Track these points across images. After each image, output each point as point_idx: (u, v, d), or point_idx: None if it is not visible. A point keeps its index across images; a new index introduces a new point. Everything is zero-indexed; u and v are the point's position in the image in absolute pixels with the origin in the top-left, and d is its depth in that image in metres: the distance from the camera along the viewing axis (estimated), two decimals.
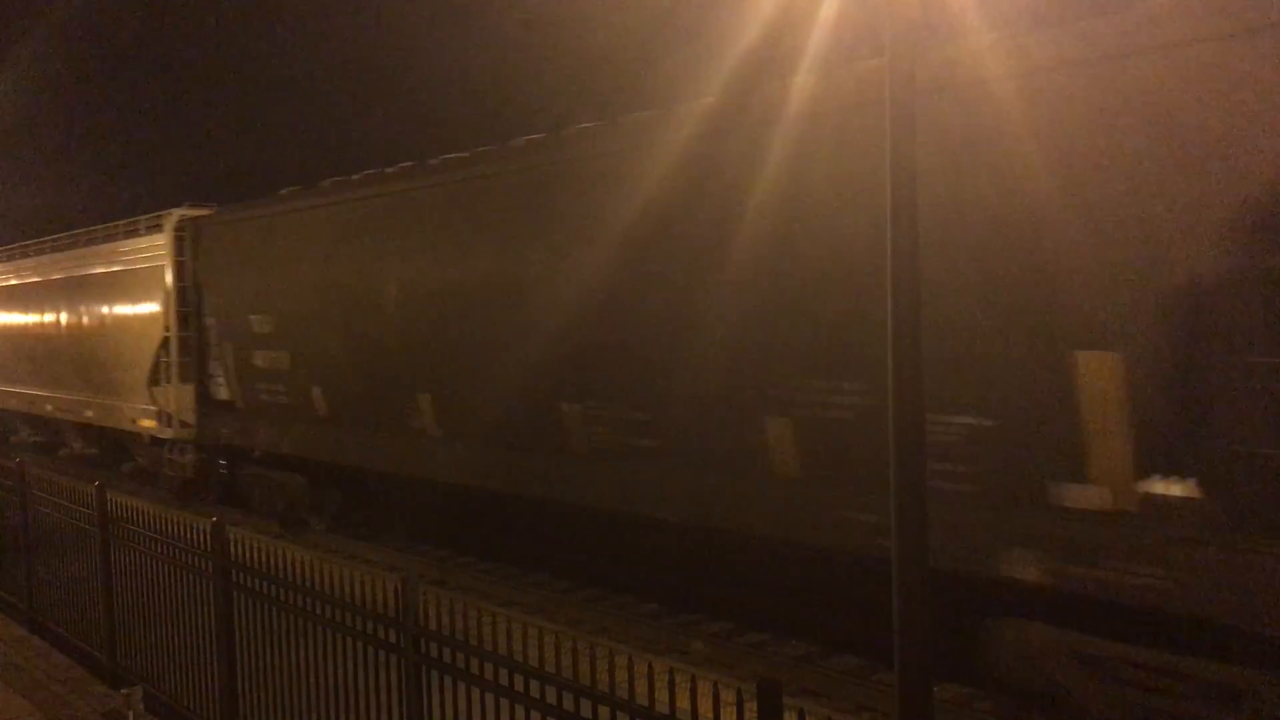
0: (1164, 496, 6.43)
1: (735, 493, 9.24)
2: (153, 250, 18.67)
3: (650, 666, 4.54)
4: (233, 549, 7.33)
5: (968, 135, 7.36)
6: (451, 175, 12.61)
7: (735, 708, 4.09)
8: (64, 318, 22.37)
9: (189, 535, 7.88)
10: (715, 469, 9.36)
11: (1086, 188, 6.74)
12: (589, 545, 12.47)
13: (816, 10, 6.53)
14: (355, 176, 14.59)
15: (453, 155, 12.86)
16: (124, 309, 19.84)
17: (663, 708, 4.28)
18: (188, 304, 17.91)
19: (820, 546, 8.65)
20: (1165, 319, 6.34)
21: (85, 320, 21.37)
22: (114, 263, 20.22)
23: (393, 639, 5.84)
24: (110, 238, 20.57)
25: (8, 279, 25.96)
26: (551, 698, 4.85)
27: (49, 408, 23.56)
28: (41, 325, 23.58)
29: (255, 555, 7.11)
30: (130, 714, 8.04)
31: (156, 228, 18.70)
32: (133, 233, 19.68)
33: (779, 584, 10.25)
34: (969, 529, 7.32)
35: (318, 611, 6.48)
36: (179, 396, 17.92)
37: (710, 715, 4.08)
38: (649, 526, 10.63)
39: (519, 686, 5.03)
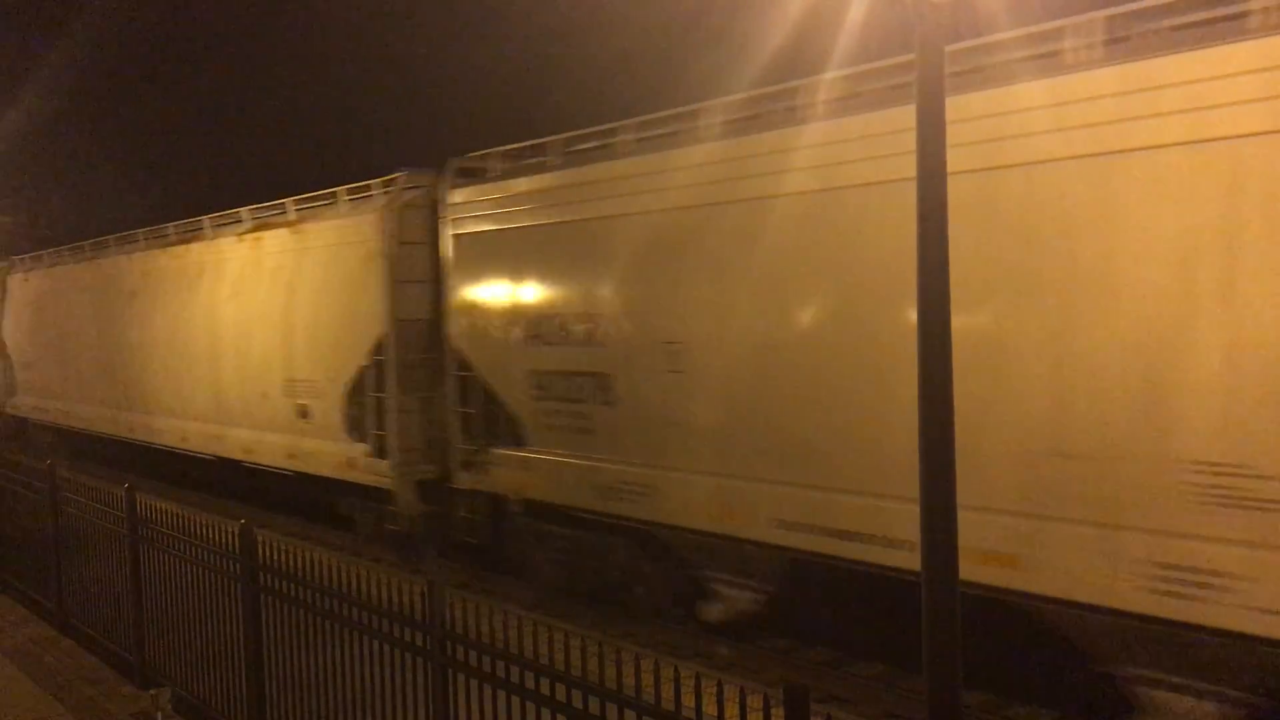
0: None
1: None
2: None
3: (676, 670, 4.52)
4: (260, 551, 7.36)
5: None
6: None
7: (762, 713, 4.06)
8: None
9: (218, 537, 7.91)
10: None
11: None
12: None
13: (845, 11, 6.49)
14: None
15: None
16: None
17: (689, 713, 4.25)
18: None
19: None
20: None
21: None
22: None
23: (419, 642, 5.84)
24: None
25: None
26: (578, 701, 4.83)
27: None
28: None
29: (283, 558, 7.14)
30: (159, 714, 8.09)
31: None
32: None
33: None
34: None
35: (345, 614, 6.49)
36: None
37: None
38: None
39: (545, 690, 5.02)
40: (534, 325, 11.84)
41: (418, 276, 13.46)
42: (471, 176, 12.93)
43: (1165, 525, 6.86)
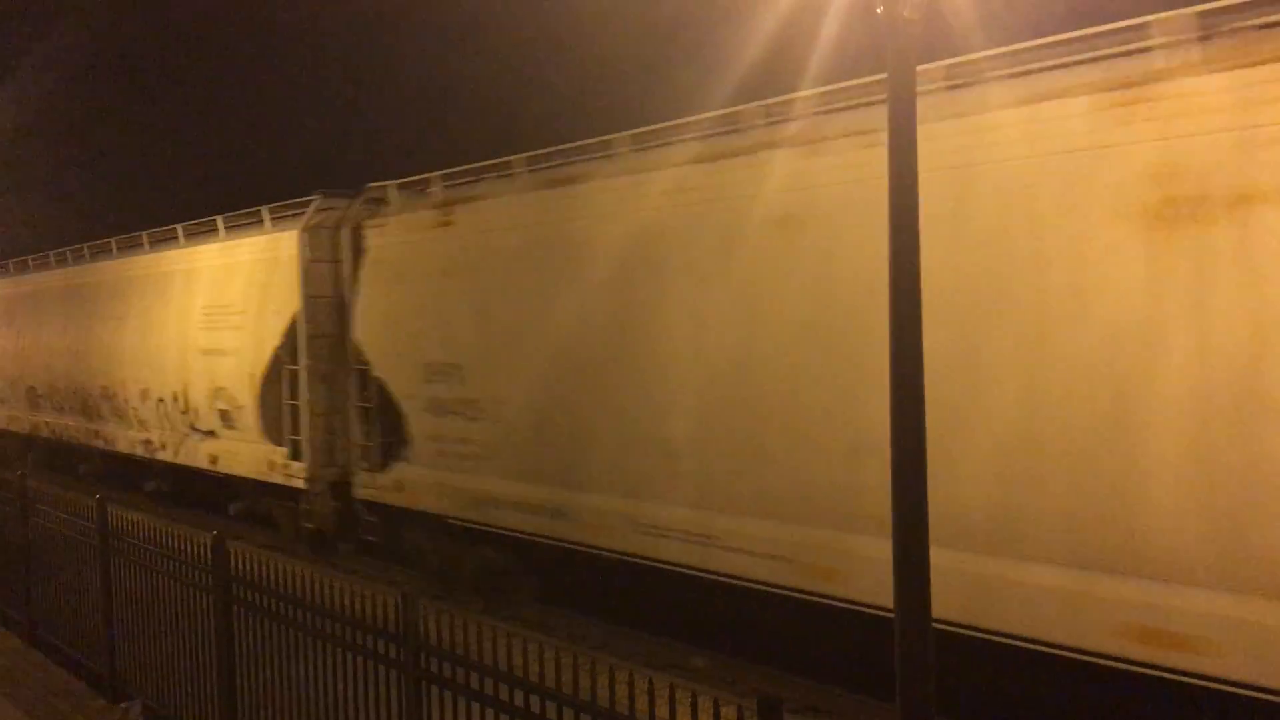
0: None
1: None
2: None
3: (651, 682, 4.52)
4: (233, 563, 7.32)
5: None
6: None
7: None
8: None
9: (190, 549, 7.86)
10: None
11: None
12: None
13: (819, 26, 6.55)
14: None
15: None
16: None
17: None
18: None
19: None
20: None
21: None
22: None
23: (393, 654, 5.82)
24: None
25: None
26: (552, 713, 4.83)
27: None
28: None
29: (256, 569, 7.10)
30: None
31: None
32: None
33: None
34: None
35: (318, 626, 6.46)
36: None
37: None
38: None
39: (520, 702, 5.01)
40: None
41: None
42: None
43: None
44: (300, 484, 14.69)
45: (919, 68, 4.32)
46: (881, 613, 7.49)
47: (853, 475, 8.25)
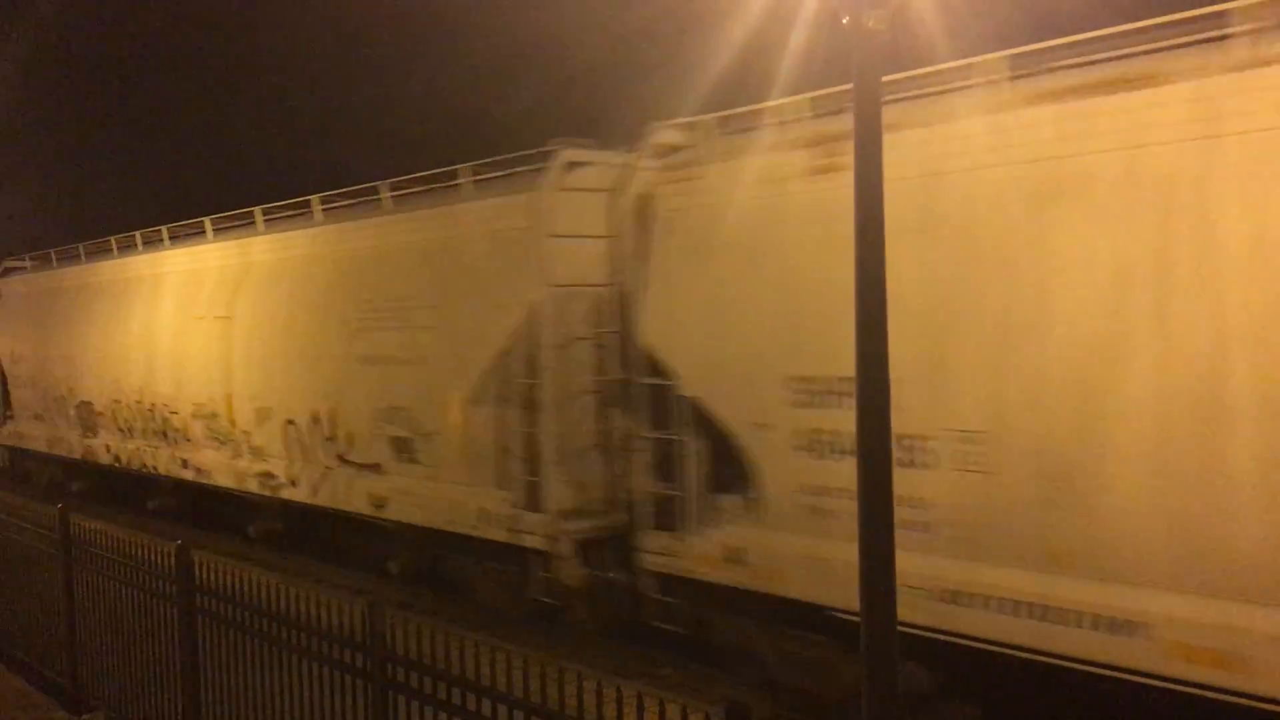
0: None
1: None
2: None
3: (619, 690, 4.52)
4: (197, 573, 7.25)
5: None
6: None
7: None
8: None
9: (153, 558, 7.78)
10: None
11: None
12: None
13: (788, 36, 6.60)
14: None
15: None
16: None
17: None
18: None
19: None
20: None
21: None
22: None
23: (359, 663, 5.78)
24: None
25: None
26: None
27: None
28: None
29: (220, 579, 7.04)
30: None
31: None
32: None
33: None
34: None
35: (283, 636, 6.41)
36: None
37: None
38: None
39: (487, 711, 4.99)
40: None
41: None
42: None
43: None
44: (538, 543, 10.63)
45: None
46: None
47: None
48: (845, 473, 7.45)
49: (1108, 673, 6.74)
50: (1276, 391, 6.11)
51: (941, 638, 7.46)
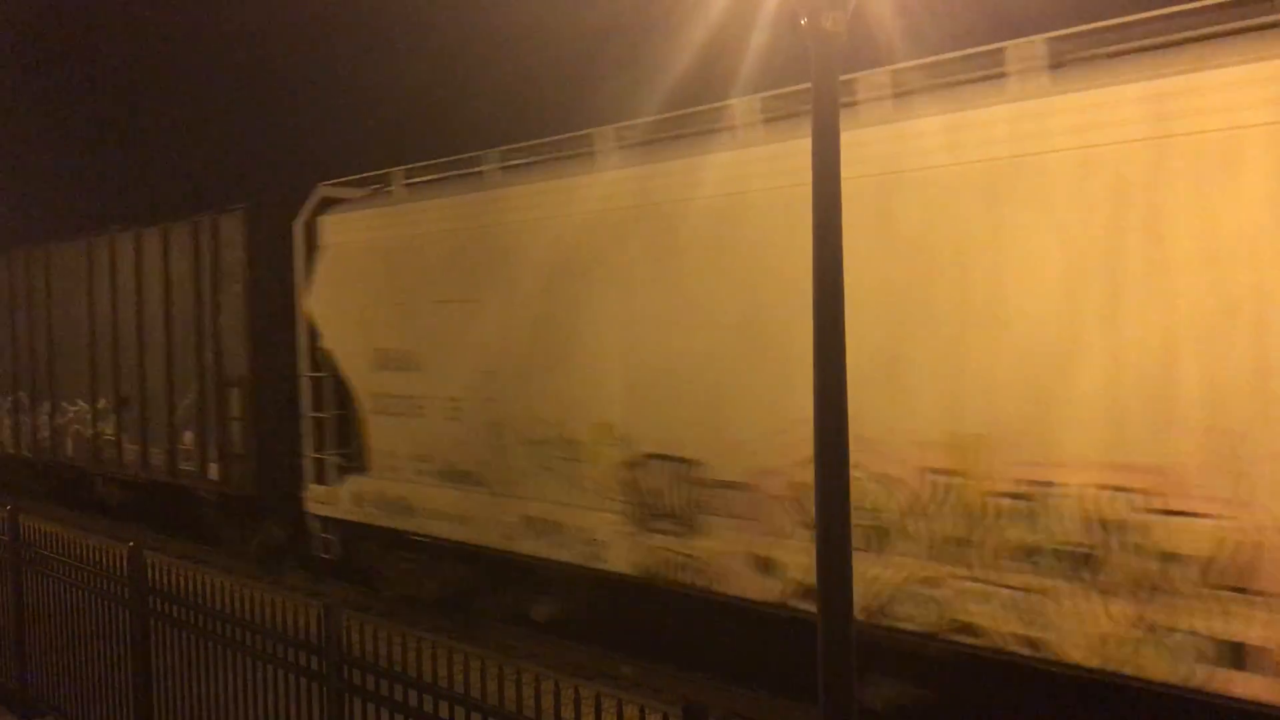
0: None
1: None
2: None
3: (577, 691, 4.51)
4: (150, 574, 7.15)
5: None
6: None
7: None
8: None
9: (104, 559, 7.67)
10: None
11: None
12: None
13: (748, 35, 6.62)
14: None
15: None
16: None
17: None
18: None
19: None
20: None
21: None
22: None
23: (315, 666, 5.73)
24: None
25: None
26: None
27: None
28: None
29: (173, 580, 6.95)
30: None
31: None
32: None
33: None
34: None
35: (238, 639, 6.34)
36: None
37: None
38: None
39: (444, 713, 4.96)
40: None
41: None
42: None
43: None
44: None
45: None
46: None
47: None
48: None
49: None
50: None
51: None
